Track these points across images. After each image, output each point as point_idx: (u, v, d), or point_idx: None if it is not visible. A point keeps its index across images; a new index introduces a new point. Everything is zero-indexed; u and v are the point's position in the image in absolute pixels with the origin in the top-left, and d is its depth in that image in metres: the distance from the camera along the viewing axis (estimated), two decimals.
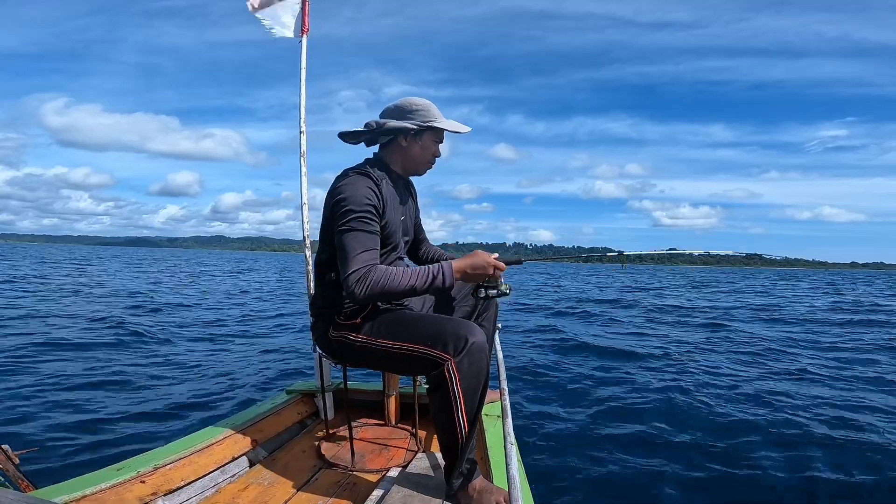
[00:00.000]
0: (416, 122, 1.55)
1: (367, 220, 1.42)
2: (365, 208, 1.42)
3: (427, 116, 1.56)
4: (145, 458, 1.51)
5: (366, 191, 1.45)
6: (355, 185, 1.46)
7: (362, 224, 1.41)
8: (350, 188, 1.45)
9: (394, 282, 1.37)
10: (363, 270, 1.36)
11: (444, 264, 1.43)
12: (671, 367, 4.92)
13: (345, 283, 1.37)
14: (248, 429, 1.85)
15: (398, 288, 1.38)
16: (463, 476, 1.35)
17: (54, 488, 1.27)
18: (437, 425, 1.38)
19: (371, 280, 1.35)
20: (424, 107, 1.57)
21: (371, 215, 1.44)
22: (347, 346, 1.50)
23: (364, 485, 1.60)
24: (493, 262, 1.47)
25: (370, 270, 1.37)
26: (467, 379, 1.30)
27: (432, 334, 1.35)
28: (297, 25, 2.42)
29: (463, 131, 1.62)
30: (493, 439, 1.68)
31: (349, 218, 1.41)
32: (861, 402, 3.79)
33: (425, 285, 1.40)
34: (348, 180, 1.48)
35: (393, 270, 1.40)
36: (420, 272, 1.41)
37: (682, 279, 13.20)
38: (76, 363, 4.65)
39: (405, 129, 1.54)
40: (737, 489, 2.40)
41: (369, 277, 1.35)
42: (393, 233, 1.56)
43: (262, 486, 1.58)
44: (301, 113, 2.29)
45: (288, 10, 2.43)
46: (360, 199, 1.42)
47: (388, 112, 1.59)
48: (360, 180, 1.48)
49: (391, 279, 1.37)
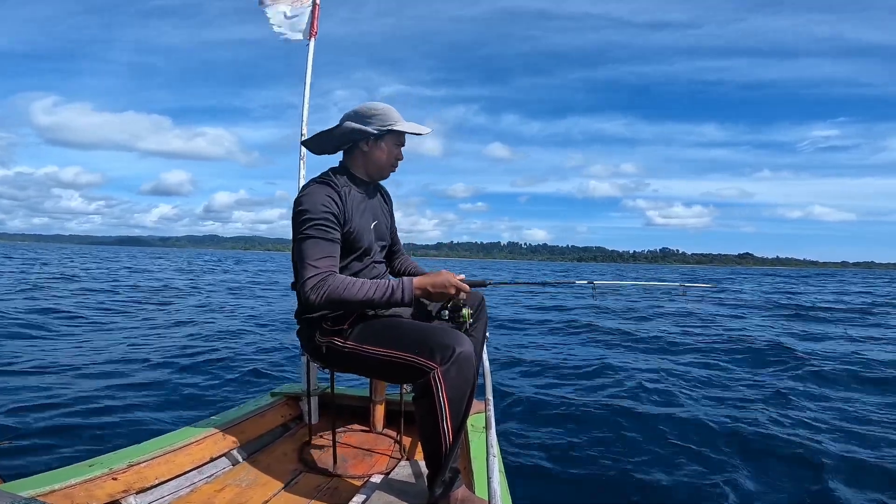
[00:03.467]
0: (376, 126, 1.56)
1: (323, 227, 1.42)
2: (322, 215, 1.43)
3: (386, 120, 1.57)
4: (120, 454, 1.48)
5: (323, 198, 1.45)
6: (314, 193, 1.47)
7: (319, 231, 1.42)
8: (308, 197, 1.46)
9: (350, 291, 1.36)
10: (318, 278, 1.36)
11: (405, 279, 1.42)
12: (663, 376, 4.89)
13: (300, 288, 1.37)
14: (230, 429, 1.81)
15: (354, 298, 1.37)
16: (445, 485, 1.33)
17: (22, 482, 1.24)
18: (421, 433, 1.36)
19: (327, 287, 1.35)
20: (384, 111, 1.57)
21: (329, 222, 1.44)
22: (334, 352, 1.49)
23: (346, 490, 1.57)
24: (455, 283, 1.45)
25: (326, 278, 1.36)
26: (453, 388, 1.29)
27: (420, 342, 1.34)
28: (306, 28, 2.43)
29: (423, 132, 1.63)
30: (477, 449, 1.66)
31: (306, 226, 1.42)
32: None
33: (383, 298, 1.39)
34: (308, 190, 1.50)
35: (351, 280, 1.39)
36: (379, 285, 1.40)
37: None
38: (53, 354, 4.57)
39: (365, 132, 1.55)
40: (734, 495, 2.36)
41: (326, 285, 1.35)
42: (359, 238, 1.54)
43: (240, 488, 1.55)
44: (304, 115, 2.28)
45: (297, 12, 2.43)
46: (317, 207, 1.43)
47: (348, 117, 1.59)
48: (320, 188, 1.49)
49: (348, 288, 1.36)
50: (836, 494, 2.36)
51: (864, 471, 2.60)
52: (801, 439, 2.99)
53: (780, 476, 2.58)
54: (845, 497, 2.34)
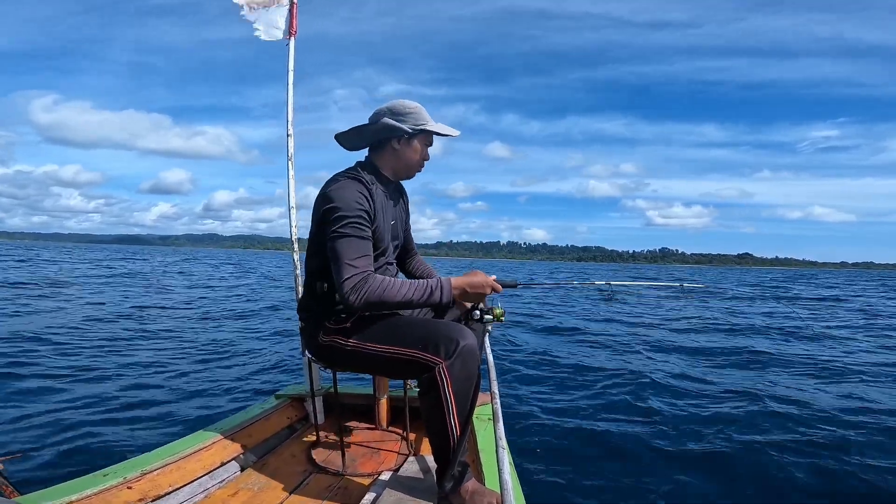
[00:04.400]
0: (409, 125, 1.55)
1: (359, 225, 1.41)
2: (357, 213, 1.41)
3: (419, 119, 1.56)
4: (132, 463, 1.49)
5: (357, 195, 1.44)
6: (346, 189, 1.45)
7: (355, 230, 1.40)
8: (341, 193, 1.43)
9: (391, 292, 1.36)
10: (358, 278, 1.35)
11: (444, 280, 1.43)
12: (674, 369, 4.93)
13: (339, 289, 1.35)
14: (238, 433, 1.83)
15: (394, 299, 1.37)
16: (454, 479, 1.35)
17: (39, 494, 1.25)
18: (428, 428, 1.38)
19: (368, 289, 1.34)
20: (416, 110, 1.56)
21: (363, 221, 1.42)
22: (338, 351, 1.50)
23: (355, 489, 1.59)
24: (491, 283, 1.49)
25: (366, 279, 1.35)
26: (458, 382, 1.31)
27: (423, 338, 1.35)
28: (284, 27, 2.41)
29: (453, 134, 1.63)
30: (485, 442, 1.69)
31: (342, 223, 1.39)
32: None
33: (422, 299, 1.39)
34: (339, 185, 1.47)
35: (390, 281, 1.39)
36: (418, 285, 1.40)
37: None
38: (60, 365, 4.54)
39: (400, 130, 1.54)
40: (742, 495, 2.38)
41: (366, 286, 1.34)
42: (381, 238, 1.54)
43: (252, 491, 1.57)
44: (288, 115, 2.25)
45: (276, 13, 2.42)
46: (351, 205, 1.41)
47: (383, 113, 1.57)
48: (351, 185, 1.47)
49: (388, 289, 1.36)
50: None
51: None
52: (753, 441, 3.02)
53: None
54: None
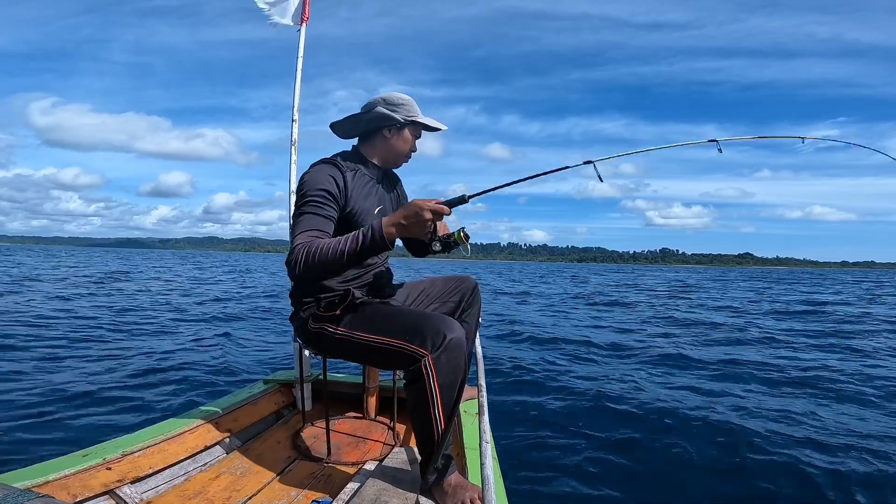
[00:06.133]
0: (402, 115, 1.60)
1: (319, 203, 1.44)
2: (318, 193, 1.44)
3: (412, 111, 1.62)
4: (113, 444, 1.48)
5: (325, 177, 1.47)
6: (315, 172, 1.50)
7: (314, 207, 1.43)
8: (310, 175, 1.49)
9: (323, 251, 1.32)
10: (299, 247, 1.34)
11: (374, 222, 1.35)
12: (656, 364, 4.97)
13: (286, 264, 1.38)
14: (223, 418, 1.82)
15: (327, 257, 1.32)
16: (438, 471, 1.35)
17: (16, 473, 1.23)
18: (413, 420, 1.37)
19: (304, 253, 1.33)
20: (409, 102, 1.62)
21: (325, 199, 1.44)
22: (327, 338, 1.49)
23: (339, 477, 1.59)
24: (429, 206, 1.31)
25: (304, 246, 1.34)
26: (444, 375, 1.29)
27: (411, 329, 1.35)
28: (296, 12, 2.37)
29: (441, 128, 1.68)
30: (470, 436, 1.69)
31: (303, 202, 1.44)
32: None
33: (357, 247, 1.32)
34: (312, 168, 1.53)
35: (322, 241, 1.35)
36: (350, 236, 1.34)
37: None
38: (46, 348, 4.53)
39: (393, 119, 1.58)
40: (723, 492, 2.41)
41: (303, 251, 1.33)
42: (362, 220, 1.53)
43: (235, 476, 1.56)
44: (295, 101, 2.25)
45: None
46: (315, 185, 1.45)
47: (377, 103, 1.61)
48: (322, 168, 1.51)
49: (321, 249, 1.32)
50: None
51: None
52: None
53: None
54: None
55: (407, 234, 1.35)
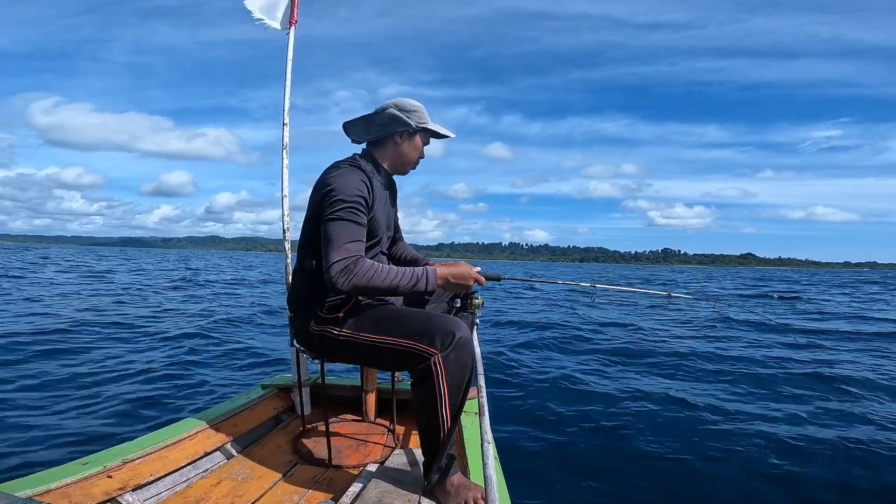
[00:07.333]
0: (415, 121, 1.60)
1: (355, 210, 1.43)
2: (355, 199, 1.43)
3: (423, 117, 1.63)
4: (113, 452, 1.47)
5: (357, 182, 1.46)
6: (347, 176, 1.47)
7: (351, 214, 1.42)
8: (341, 179, 1.46)
9: (378, 277, 1.37)
10: (348, 261, 1.35)
11: (429, 269, 1.44)
12: (663, 367, 4.98)
13: (327, 271, 1.36)
14: (222, 423, 1.81)
15: (381, 285, 1.37)
16: (441, 471, 1.36)
17: (17, 482, 1.23)
18: (419, 420, 1.38)
19: (356, 272, 1.35)
20: (420, 108, 1.63)
21: (360, 207, 1.44)
22: (329, 341, 1.49)
23: (341, 480, 1.59)
24: (475, 275, 1.52)
25: (356, 262, 1.36)
26: (453, 374, 1.31)
27: (419, 329, 1.35)
28: (284, 17, 2.38)
29: (450, 136, 1.70)
30: (471, 436, 1.69)
31: (338, 207, 1.41)
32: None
33: (408, 286, 1.40)
34: (340, 171, 1.50)
35: (379, 266, 1.39)
36: (405, 273, 1.41)
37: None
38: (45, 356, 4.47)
39: (405, 124, 1.58)
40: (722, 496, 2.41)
41: (355, 269, 1.35)
42: (378, 227, 1.57)
43: (236, 482, 1.56)
44: (285, 104, 2.27)
45: (277, 2, 2.38)
46: (350, 190, 1.43)
47: (388, 106, 1.61)
48: (352, 172, 1.49)
49: (376, 274, 1.36)
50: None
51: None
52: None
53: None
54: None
55: (449, 289, 1.55)
